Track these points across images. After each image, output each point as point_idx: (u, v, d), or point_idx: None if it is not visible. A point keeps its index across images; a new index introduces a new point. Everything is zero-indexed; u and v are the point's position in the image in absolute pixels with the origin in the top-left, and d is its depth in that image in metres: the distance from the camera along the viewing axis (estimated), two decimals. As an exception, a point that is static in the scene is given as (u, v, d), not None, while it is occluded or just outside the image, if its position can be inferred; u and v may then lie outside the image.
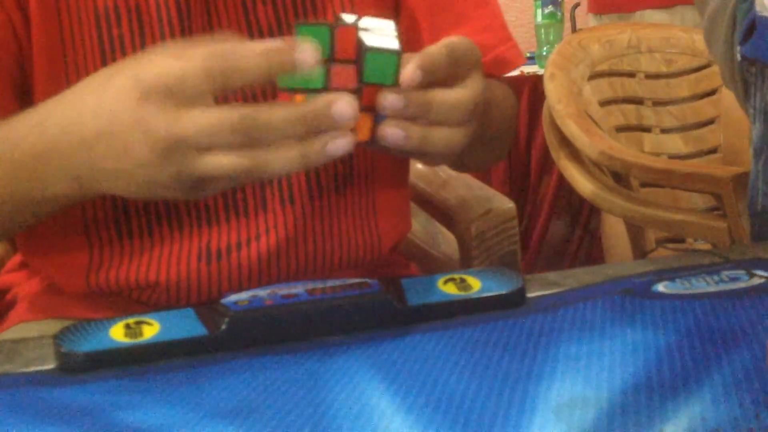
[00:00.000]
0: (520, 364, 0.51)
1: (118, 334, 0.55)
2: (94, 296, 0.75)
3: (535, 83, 2.41)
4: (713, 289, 0.61)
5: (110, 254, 0.73)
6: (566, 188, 1.98)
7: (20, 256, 0.84)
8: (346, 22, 0.57)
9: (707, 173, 1.47)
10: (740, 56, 0.88)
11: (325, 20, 0.76)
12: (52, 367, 0.54)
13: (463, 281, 0.61)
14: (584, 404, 0.45)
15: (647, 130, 1.87)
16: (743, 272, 0.64)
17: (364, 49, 0.55)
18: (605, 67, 1.84)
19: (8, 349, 0.57)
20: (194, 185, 0.56)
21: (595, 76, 1.81)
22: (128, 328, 0.55)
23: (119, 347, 0.54)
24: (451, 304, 0.59)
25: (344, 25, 0.56)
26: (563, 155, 1.65)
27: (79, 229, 0.73)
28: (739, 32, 0.87)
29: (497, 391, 0.47)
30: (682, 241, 1.76)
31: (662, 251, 1.70)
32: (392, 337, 0.56)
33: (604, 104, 1.81)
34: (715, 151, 1.87)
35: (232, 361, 0.53)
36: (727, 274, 0.64)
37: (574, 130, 1.61)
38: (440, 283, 0.61)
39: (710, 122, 1.88)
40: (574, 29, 3.04)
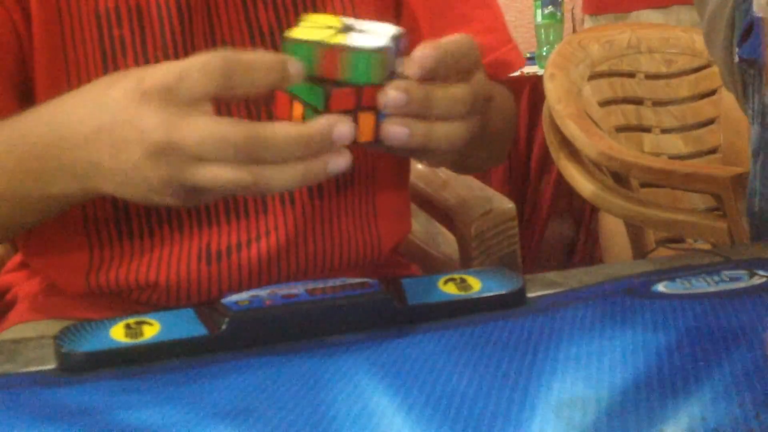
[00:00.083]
0: (520, 363, 0.51)
1: (118, 334, 0.55)
2: (94, 296, 0.75)
3: (535, 83, 2.41)
4: (713, 289, 0.61)
5: (110, 254, 0.73)
6: (566, 188, 1.98)
7: (20, 256, 0.84)
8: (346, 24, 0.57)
9: (707, 173, 1.47)
10: (738, 57, 0.88)
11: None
12: (52, 367, 0.54)
13: (463, 281, 0.61)
14: (584, 404, 0.45)
15: (647, 130, 1.87)
16: (743, 272, 0.64)
17: (348, 49, 0.55)
18: (605, 67, 1.84)
19: (8, 349, 0.57)
20: (187, 193, 0.56)
21: (595, 76, 1.81)
22: (128, 328, 0.55)
23: (119, 347, 0.54)
24: (451, 304, 0.59)
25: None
26: (563, 155, 1.65)
27: (79, 229, 0.73)
28: (737, 33, 0.87)
29: (497, 390, 0.47)
30: (681, 241, 1.76)
31: (662, 251, 1.70)
32: (392, 337, 0.56)
33: (604, 104, 1.81)
34: (714, 151, 1.87)
35: (232, 361, 0.53)
36: (727, 273, 0.64)
37: (573, 130, 1.61)
38: (440, 283, 0.61)
39: (710, 122, 1.88)
40: (574, 29, 3.03)
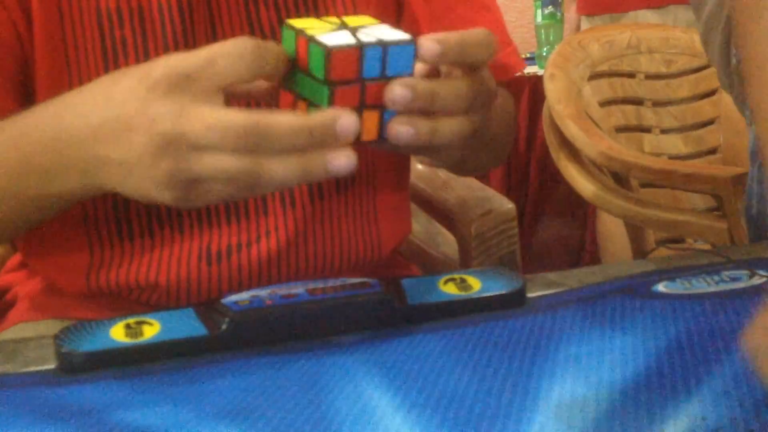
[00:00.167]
0: (520, 364, 0.51)
1: (118, 334, 0.55)
2: (94, 297, 0.75)
3: (535, 84, 2.41)
4: (714, 289, 0.61)
5: (111, 255, 0.73)
6: (566, 188, 1.98)
7: (20, 255, 0.84)
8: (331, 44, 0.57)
9: (707, 174, 1.47)
10: (736, 60, 0.87)
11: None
12: (52, 367, 0.54)
13: (463, 281, 0.61)
14: (584, 404, 0.45)
15: (647, 130, 1.87)
16: (744, 272, 0.64)
17: (360, 45, 0.55)
18: (605, 67, 1.84)
19: (8, 349, 0.57)
20: (188, 187, 0.56)
21: (595, 76, 1.81)
22: (128, 328, 0.55)
23: (119, 347, 0.54)
24: (451, 304, 0.59)
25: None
26: (563, 155, 1.65)
27: (79, 229, 0.73)
28: (734, 36, 0.87)
29: (497, 390, 0.47)
30: (682, 241, 1.76)
31: (662, 251, 1.70)
32: (392, 337, 0.56)
33: (604, 104, 1.81)
34: (714, 151, 1.87)
35: (232, 361, 0.53)
36: (727, 273, 0.64)
37: (574, 130, 1.61)
38: (440, 283, 0.61)
39: (710, 123, 1.88)
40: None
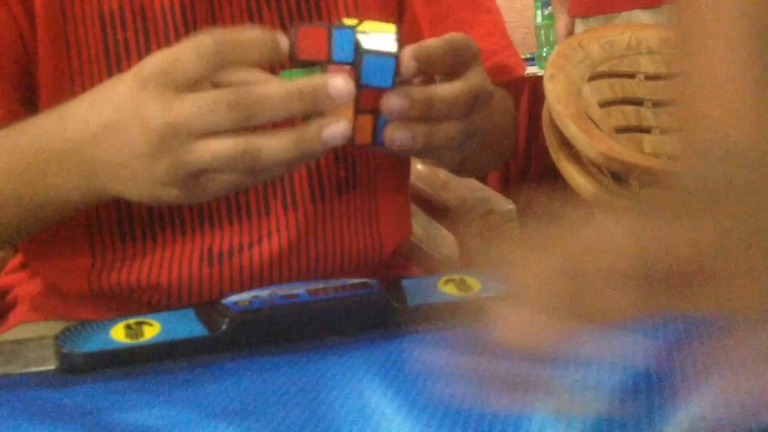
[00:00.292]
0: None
1: (118, 334, 0.55)
2: (95, 298, 0.75)
3: (534, 84, 2.41)
4: (713, 289, 0.61)
5: (112, 256, 0.73)
6: (566, 189, 1.98)
7: (21, 256, 0.84)
8: (347, 25, 0.57)
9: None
10: None
11: (323, 23, 0.76)
12: (52, 367, 0.54)
13: (463, 282, 0.61)
14: (584, 404, 0.45)
15: (647, 131, 1.87)
16: (743, 272, 0.64)
17: (361, 51, 0.55)
18: (605, 67, 1.83)
19: (9, 349, 0.57)
20: (190, 179, 0.56)
21: (594, 76, 1.81)
22: (129, 328, 0.55)
23: (120, 348, 0.54)
24: (451, 304, 0.59)
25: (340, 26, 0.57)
26: (563, 156, 1.65)
27: (81, 230, 0.73)
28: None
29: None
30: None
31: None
32: (392, 337, 0.56)
33: (603, 105, 1.81)
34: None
35: (232, 361, 0.53)
36: (726, 274, 0.64)
37: (573, 130, 1.61)
38: (440, 283, 0.61)
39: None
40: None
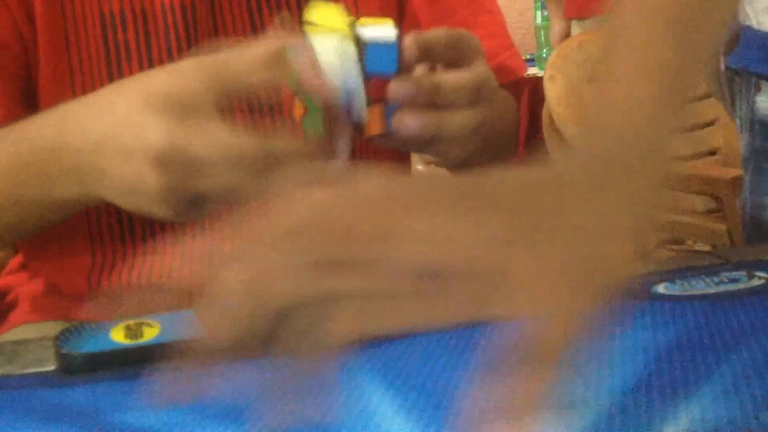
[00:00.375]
0: (519, 365, 0.50)
1: (118, 335, 0.55)
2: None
3: (534, 85, 2.40)
4: (713, 290, 0.61)
5: (112, 257, 0.73)
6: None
7: (21, 257, 0.84)
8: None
9: (707, 175, 1.47)
10: (725, 66, 0.87)
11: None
12: (52, 368, 0.54)
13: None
14: (584, 405, 0.45)
15: (647, 131, 1.87)
16: (743, 273, 0.64)
17: (362, 41, 0.56)
18: (605, 68, 1.83)
19: (9, 350, 0.57)
20: (186, 205, 0.56)
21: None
22: (128, 329, 0.55)
23: (119, 348, 0.54)
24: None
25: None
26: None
27: (81, 231, 0.73)
28: (722, 42, 0.86)
29: (497, 391, 0.47)
30: (681, 242, 1.76)
31: (662, 252, 1.70)
32: (392, 337, 0.56)
33: (603, 106, 1.81)
34: (714, 153, 1.87)
35: (232, 361, 0.53)
36: (726, 275, 0.64)
37: (574, 132, 1.61)
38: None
39: (710, 124, 1.88)
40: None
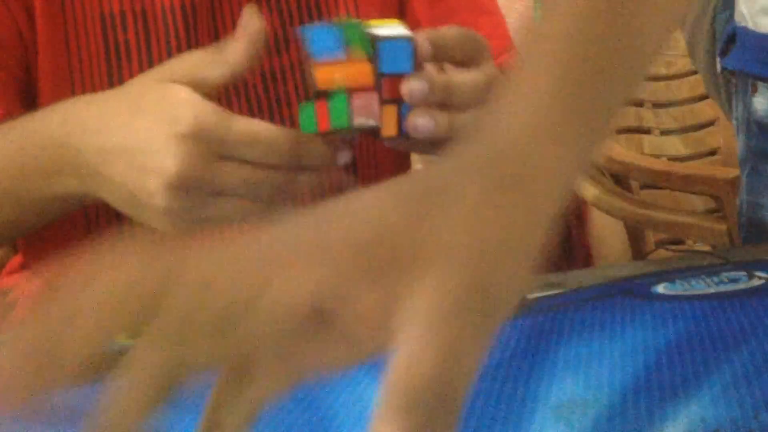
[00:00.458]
0: (519, 364, 0.51)
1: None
2: (94, 298, 0.75)
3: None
4: (713, 290, 0.61)
5: (111, 257, 0.73)
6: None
7: (21, 257, 0.84)
8: (353, 24, 0.57)
9: (707, 175, 1.47)
10: (721, 68, 0.87)
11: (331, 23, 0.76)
12: (52, 368, 0.54)
13: None
14: (584, 405, 0.45)
15: (647, 132, 1.87)
16: (743, 273, 0.64)
17: (377, 40, 0.56)
18: (605, 69, 1.83)
19: (9, 350, 0.57)
20: (192, 224, 0.57)
21: (594, 78, 1.81)
22: (129, 329, 0.55)
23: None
24: None
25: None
26: (563, 157, 1.65)
27: (81, 231, 0.73)
28: (719, 43, 0.86)
29: (497, 391, 0.47)
30: (681, 242, 1.76)
31: (662, 253, 1.70)
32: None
33: (603, 106, 1.81)
34: (714, 153, 1.87)
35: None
36: (726, 275, 0.64)
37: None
38: None
39: (710, 124, 1.88)
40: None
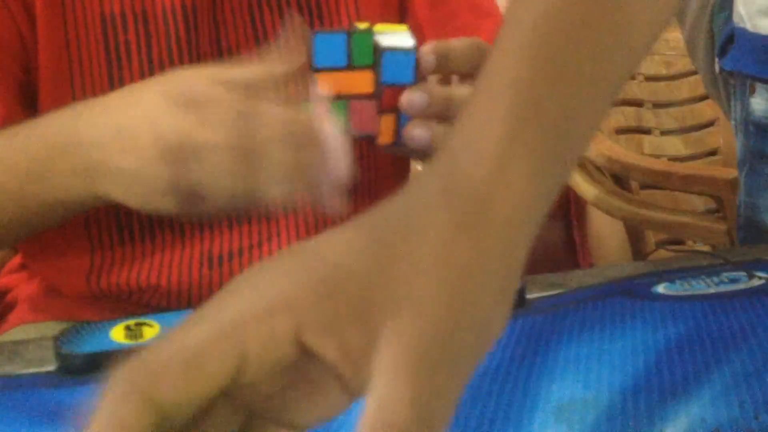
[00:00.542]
0: (520, 364, 0.51)
1: (118, 335, 0.55)
2: (94, 298, 0.75)
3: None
4: (713, 290, 0.61)
5: (111, 257, 0.73)
6: (566, 190, 1.98)
7: (20, 257, 0.84)
8: (359, 29, 0.58)
9: (707, 175, 1.47)
10: (719, 68, 0.87)
11: (341, 28, 0.76)
12: (52, 368, 0.54)
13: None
14: (584, 405, 0.45)
15: (647, 132, 1.87)
16: (742, 273, 0.64)
17: (379, 49, 0.56)
18: (605, 69, 1.83)
19: (8, 350, 0.57)
20: (190, 196, 0.56)
21: (594, 78, 1.81)
22: (128, 329, 0.55)
23: (119, 349, 0.54)
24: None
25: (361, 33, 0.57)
26: (563, 157, 1.65)
27: (80, 231, 0.73)
28: (717, 44, 0.86)
29: (497, 391, 0.47)
30: (681, 242, 1.76)
31: (662, 253, 1.70)
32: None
33: (603, 106, 1.81)
34: (714, 153, 1.87)
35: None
36: (726, 275, 0.64)
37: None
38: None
39: (710, 124, 1.88)
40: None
